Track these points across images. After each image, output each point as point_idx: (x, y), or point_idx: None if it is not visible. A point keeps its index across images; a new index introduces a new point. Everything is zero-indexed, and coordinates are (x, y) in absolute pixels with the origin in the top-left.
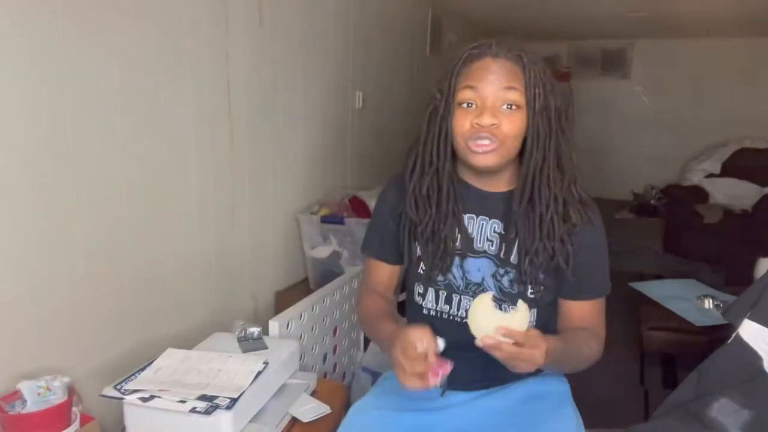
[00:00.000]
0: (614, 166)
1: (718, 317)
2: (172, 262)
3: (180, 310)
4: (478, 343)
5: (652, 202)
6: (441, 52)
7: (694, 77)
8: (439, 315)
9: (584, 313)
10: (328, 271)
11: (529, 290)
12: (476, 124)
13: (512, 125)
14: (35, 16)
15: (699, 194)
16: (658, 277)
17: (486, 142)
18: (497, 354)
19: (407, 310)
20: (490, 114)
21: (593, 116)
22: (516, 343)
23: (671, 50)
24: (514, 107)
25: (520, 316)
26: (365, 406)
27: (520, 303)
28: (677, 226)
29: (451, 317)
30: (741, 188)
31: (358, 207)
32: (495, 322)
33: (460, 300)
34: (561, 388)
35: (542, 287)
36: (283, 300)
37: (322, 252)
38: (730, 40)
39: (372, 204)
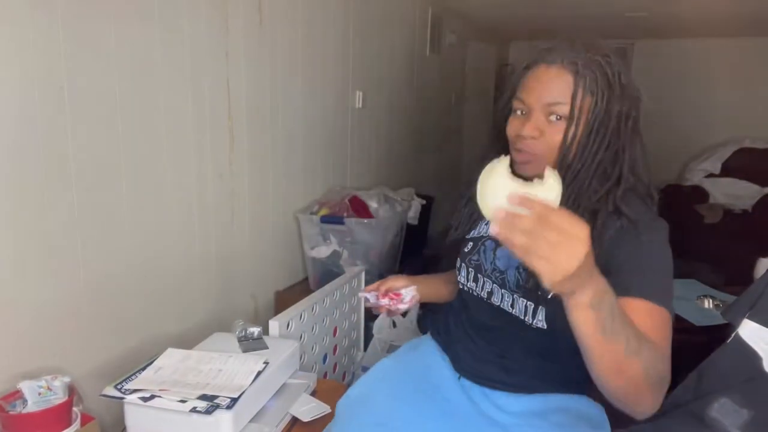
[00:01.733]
0: None
1: (718, 317)
2: (172, 262)
3: (180, 310)
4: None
5: None
6: (441, 52)
7: (694, 77)
8: (469, 291)
9: (634, 314)
10: (328, 271)
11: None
12: (518, 133)
13: (554, 138)
14: (35, 17)
15: (699, 194)
16: None
17: (524, 152)
18: (515, 240)
19: None
20: (533, 126)
21: None
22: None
23: (671, 50)
24: (562, 118)
25: (548, 185)
26: (387, 369)
27: (548, 169)
28: (677, 226)
29: (476, 294)
30: (741, 188)
31: (358, 207)
32: (510, 189)
33: (483, 282)
34: (596, 412)
35: None
36: (283, 300)
37: (322, 252)
38: (730, 40)
39: (372, 204)
